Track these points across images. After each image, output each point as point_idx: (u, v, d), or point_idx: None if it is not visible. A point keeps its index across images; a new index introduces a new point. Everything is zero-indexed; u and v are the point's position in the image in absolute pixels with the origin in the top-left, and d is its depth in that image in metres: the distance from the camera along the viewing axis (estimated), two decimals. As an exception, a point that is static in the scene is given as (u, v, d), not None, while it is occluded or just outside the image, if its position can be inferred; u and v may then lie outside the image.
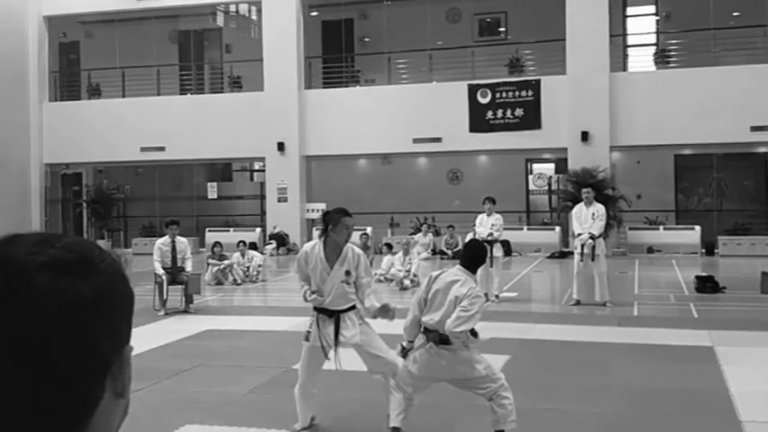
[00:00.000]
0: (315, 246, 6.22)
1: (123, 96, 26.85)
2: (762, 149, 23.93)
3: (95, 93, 27.69)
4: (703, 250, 21.97)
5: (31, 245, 0.93)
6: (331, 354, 6.12)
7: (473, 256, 5.73)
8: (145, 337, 9.84)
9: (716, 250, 21.84)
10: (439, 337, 5.43)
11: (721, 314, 12.01)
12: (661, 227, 23.09)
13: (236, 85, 26.93)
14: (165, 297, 12.35)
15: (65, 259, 0.92)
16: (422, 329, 5.58)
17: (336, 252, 6.12)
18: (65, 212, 28.28)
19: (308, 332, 6.16)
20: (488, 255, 13.13)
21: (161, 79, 26.83)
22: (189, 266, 12.60)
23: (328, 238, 6.13)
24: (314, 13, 26.93)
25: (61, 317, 0.89)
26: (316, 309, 6.18)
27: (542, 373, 8.16)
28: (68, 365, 0.90)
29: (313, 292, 6.09)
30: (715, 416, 6.62)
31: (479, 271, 12.89)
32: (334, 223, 6.06)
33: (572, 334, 10.37)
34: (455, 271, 5.60)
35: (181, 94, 27.23)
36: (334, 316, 6.10)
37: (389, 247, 17.57)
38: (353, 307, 6.18)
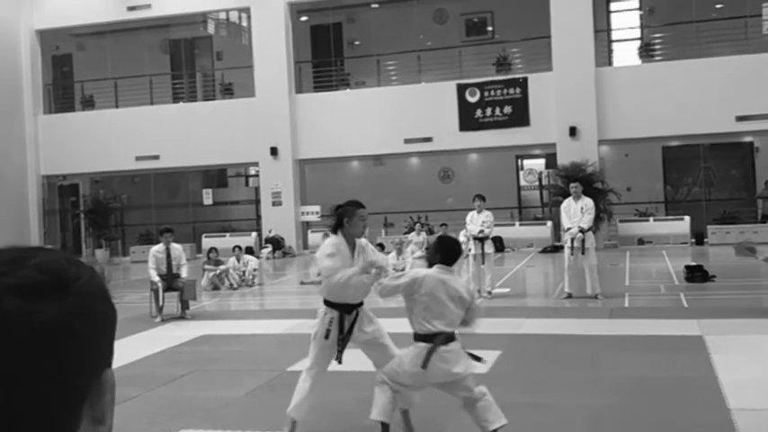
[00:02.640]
0: (337, 240, 6.00)
1: (117, 107, 26.96)
2: (747, 138, 24.14)
3: (89, 104, 27.82)
4: (693, 240, 22.15)
5: (1, 264, 0.86)
6: (330, 341, 5.93)
7: (448, 251, 5.63)
8: (141, 344, 9.78)
9: (705, 239, 22.03)
10: (446, 338, 5.33)
11: (710, 303, 12.06)
12: (651, 218, 23.25)
13: (228, 91, 27.05)
14: (161, 304, 12.37)
15: (35, 281, 0.84)
16: (416, 339, 5.43)
17: (351, 245, 6.00)
18: (63, 223, 28.42)
19: (329, 330, 5.91)
20: (480, 251, 13.38)
21: (153, 88, 26.94)
22: (184, 273, 12.65)
23: (345, 233, 5.97)
24: (303, 19, 27.03)
25: (30, 344, 0.82)
26: (333, 305, 5.97)
27: (534, 367, 8.17)
28: (40, 395, 0.83)
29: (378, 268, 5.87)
30: (704, 404, 6.61)
31: (471, 268, 13.14)
32: (350, 216, 5.93)
33: (564, 327, 10.38)
34: (437, 270, 5.49)
35: (174, 102, 27.35)
36: (354, 311, 5.99)
37: (381, 246, 17.73)
38: (362, 303, 6.09)
